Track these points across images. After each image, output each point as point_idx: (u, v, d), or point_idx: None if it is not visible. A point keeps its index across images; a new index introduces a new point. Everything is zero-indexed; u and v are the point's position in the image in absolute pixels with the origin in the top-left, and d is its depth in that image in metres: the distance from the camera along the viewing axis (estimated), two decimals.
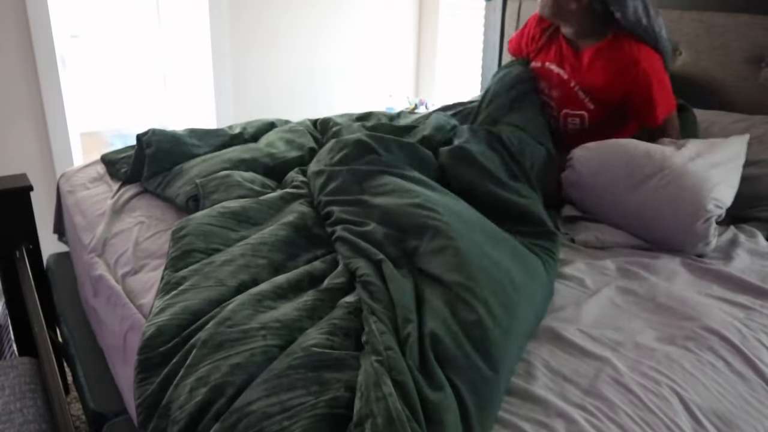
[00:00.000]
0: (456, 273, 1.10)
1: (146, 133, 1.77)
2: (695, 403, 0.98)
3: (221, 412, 0.88)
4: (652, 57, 1.72)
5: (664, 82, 1.73)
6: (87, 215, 1.64)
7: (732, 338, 1.12)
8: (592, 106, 1.77)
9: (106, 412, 1.23)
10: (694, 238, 1.44)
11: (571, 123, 1.82)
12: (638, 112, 1.75)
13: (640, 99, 1.71)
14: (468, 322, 1.01)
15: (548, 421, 0.92)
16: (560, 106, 1.82)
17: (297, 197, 1.51)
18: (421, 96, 3.84)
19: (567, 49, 1.84)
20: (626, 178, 1.53)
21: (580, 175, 1.62)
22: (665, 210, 1.46)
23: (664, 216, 1.46)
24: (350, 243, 1.25)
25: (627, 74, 1.69)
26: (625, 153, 1.58)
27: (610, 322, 1.18)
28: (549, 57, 1.86)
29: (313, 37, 3.36)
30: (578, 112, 1.79)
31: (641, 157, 1.55)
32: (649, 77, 1.69)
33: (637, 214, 1.51)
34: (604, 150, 1.62)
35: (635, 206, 1.51)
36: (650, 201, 1.48)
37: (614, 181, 1.55)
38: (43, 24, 2.56)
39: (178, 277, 1.19)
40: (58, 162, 2.75)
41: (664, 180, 1.49)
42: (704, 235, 1.43)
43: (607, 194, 1.57)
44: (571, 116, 1.80)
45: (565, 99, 1.81)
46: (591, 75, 1.76)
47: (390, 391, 0.86)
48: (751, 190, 1.66)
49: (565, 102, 1.81)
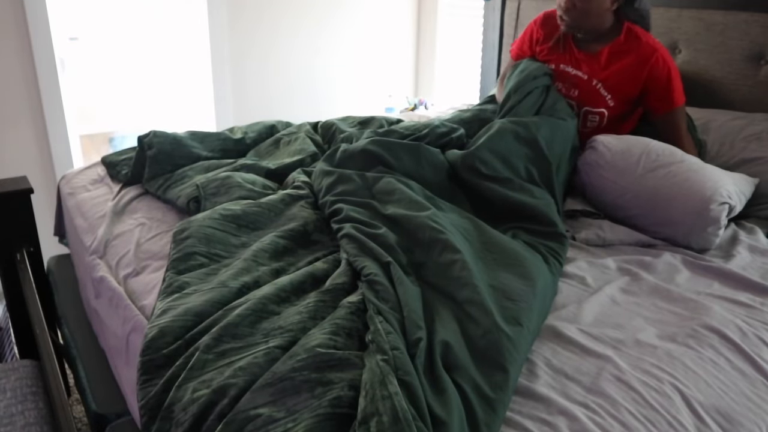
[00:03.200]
0: (464, 288, 1.11)
1: (147, 134, 1.78)
2: (697, 399, 0.98)
3: (224, 413, 0.88)
4: (663, 47, 1.79)
5: (677, 71, 1.80)
6: (88, 217, 1.64)
7: (733, 335, 1.13)
8: (612, 102, 1.81)
9: (109, 414, 1.23)
10: (706, 222, 1.44)
11: (590, 121, 1.85)
12: (656, 99, 1.78)
13: (661, 85, 1.77)
14: (477, 336, 1.02)
15: (551, 419, 0.92)
16: (581, 104, 1.85)
17: (298, 199, 1.51)
18: (420, 96, 3.84)
19: (579, 51, 1.87)
20: (646, 161, 1.57)
21: (601, 156, 1.65)
22: (680, 192, 1.48)
23: (678, 198, 1.48)
24: (358, 241, 1.25)
25: (647, 63, 1.76)
26: (648, 143, 1.64)
27: (612, 320, 1.18)
28: (563, 60, 1.90)
29: (313, 38, 3.36)
30: (598, 110, 1.83)
31: (663, 149, 1.61)
32: (667, 63, 1.76)
33: (651, 196, 1.52)
34: (627, 139, 1.67)
35: (651, 188, 1.53)
36: (666, 183, 1.52)
37: (633, 164, 1.58)
38: (42, 26, 2.56)
39: (181, 281, 1.19)
40: (58, 164, 2.76)
41: (683, 167, 1.54)
42: (716, 219, 1.44)
43: (625, 175, 1.58)
44: (591, 114, 1.84)
45: (587, 97, 1.84)
46: (613, 72, 1.80)
47: (396, 390, 0.86)
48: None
49: (587, 100, 1.84)
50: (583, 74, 1.84)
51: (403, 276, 1.14)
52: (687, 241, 1.48)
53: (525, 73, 1.87)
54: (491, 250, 1.29)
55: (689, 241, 1.48)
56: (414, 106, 3.62)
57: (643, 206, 1.54)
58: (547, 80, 1.86)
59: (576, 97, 1.86)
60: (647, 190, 1.53)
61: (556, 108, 1.78)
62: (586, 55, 1.85)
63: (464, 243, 1.27)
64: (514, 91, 1.82)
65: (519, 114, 1.77)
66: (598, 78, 1.81)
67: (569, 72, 1.87)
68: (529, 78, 1.84)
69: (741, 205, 1.55)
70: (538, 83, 1.83)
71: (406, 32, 3.72)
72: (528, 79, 1.83)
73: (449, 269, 1.17)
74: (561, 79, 1.89)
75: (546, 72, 1.87)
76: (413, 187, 1.49)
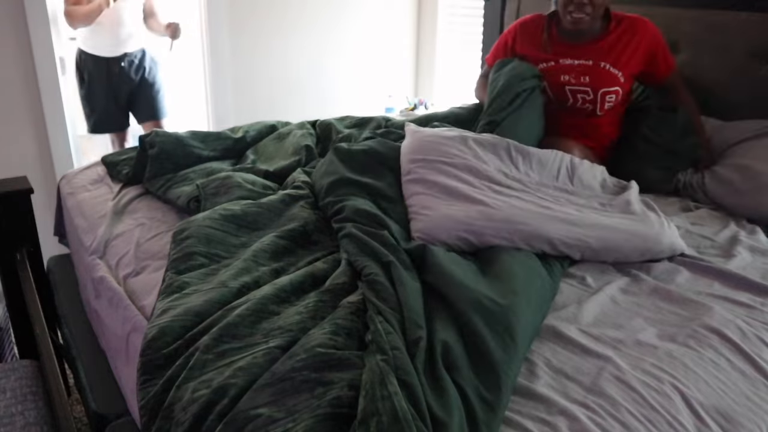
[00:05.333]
0: (463, 290, 1.11)
1: (149, 134, 1.78)
2: (697, 399, 0.98)
3: (224, 413, 0.88)
4: (643, 18, 1.93)
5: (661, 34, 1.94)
6: (88, 217, 1.64)
7: (733, 336, 1.13)
8: (623, 79, 1.90)
9: (109, 414, 1.23)
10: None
11: (608, 101, 1.91)
12: (662, 61, 1.91)
13: (659, 51, 1.91)
14: (475, 343, 1.01)
15: (551, 419, 0.92)
16: (597, 87, 1.90)
17: (298, 199, 1.51)
18: (420, 96, 3.84)
19: (571, 44, 1.92)
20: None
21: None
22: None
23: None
24: (359, 241, 1.25)
25: (645, 33, 1.88)
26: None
27: (612, 321, 1.18)
28: (561, 55, 1.94)
29: (313, 38, 3.36)
30: (614, 89, 1.89)
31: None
32: (655, 27, 1.90)
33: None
34: None
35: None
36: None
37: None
38: (43, 26, 2.56)
39: (181, 281, 1.19)
40: (58, 164, 2.75)
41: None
42: None
43: None
44: (609, 94, 1.90)
45: (600, 79, 1.89)
46: (617, 51, 1.89)
47: (396, 390, 0.86)
48: None
49: (601, 82, 1.89)
50: (587, 61, 1.90)
51: (403, 275, 1.14)
52: None
53: (513, 73, 1.91)
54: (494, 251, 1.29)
55: None
56: (414, 106, 3.62)
57: None
58: (534, 82, 1.90)
59: (589, 84, 1.90)
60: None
61: (530, 107, 1.86)
62: (582, 45, 1.91)
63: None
64: (502, 91, 1.87)
65: (499, 109, 1.84)
66: (605, 60, 1.88)
67: (573, 63, 1.92)
68: (518, 79, 1.88)
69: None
70: (525, 85, 1.87)
71: (406, 32, 3.72)
72: (517, 79, 1.88)
73: (448, 272, 1.17)
74: (567, 71, 1.93)
75: (535, 74, 1.92)
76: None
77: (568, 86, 1.93)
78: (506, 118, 1.81)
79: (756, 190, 1.66)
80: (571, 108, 1.95)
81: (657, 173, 1.85)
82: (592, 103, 1.92)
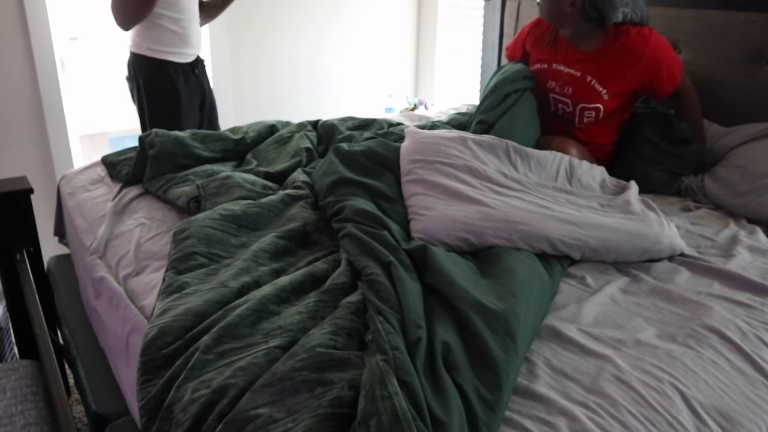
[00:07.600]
0: (463, 291, 1.11)
1: (149, 134, 1.78)
2: (697, 399, 0.98)
3: (224, 413, 0.88)
4: (651, 34, 1.81)
5: (669, 50, 1.83)
6: (88, 217, 1.64)
7: (733, 336, 1.13)
8: (607, 96, 1.83)
9: (109, 414, 1.23)
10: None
11: (587, 117, 1.88)
12: (658, 83, 1.82)
13: (659, 70, 1.80)
14: (476, 344, 1.01)
15: (551, 419, 0.92)
16: (576, 101, 1.87)
17: (298, 199, 1.51)
18: (420, 96, 3.84)
19: (572, 50, 1.90)
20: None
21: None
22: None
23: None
24: (359, 241, 1.25)
25: (642, 56, 1.78)
26: None
27: (612, 320, 1.18)
28: (557, 59, 1.93)
29: (313, 38, 3.36)
30: (594, 105, 1.84)
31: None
32: (658, 58, 1.79)
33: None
34: None
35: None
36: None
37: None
38: (42, 26, 2.56)
39: (181, 281, 1.19)
40: (58, 164, 2.75)
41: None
42: None
43: None
44: (587, 110, 1.86)
45: (582, 94, 1.86)
46: (607, 66, 1.83)
47: (396, 390, 0.86)
48: None
49: (582, 97, 1.86)
50: (576, 71, 1.87)
51: (404, 275, 1.14)
52: None
53: (504, 75, 1.93)
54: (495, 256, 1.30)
55: None
56: (414, 106, 3.62)
57: None
58: (526, 83, 1.90)
59: (570, 95, 1.88)
60: None
61: (523, 108, 1.86)
62: (580, 53, 1.88)
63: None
64: (491, 92, 1.90)
65: (489, 109, 1.86)
66: (592, 74, 1.84)
67: (562, 70, 1.90)
68: (507, 81, 1.89)
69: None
70: (516, 86, 1.88)
71: (406, 32, 3.72)
72: (506, 81, 1.89)
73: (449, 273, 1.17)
74: (554, 77, 1.92)
75: (526, 76, 1.92)
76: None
77: (552, 93, 1.93)
78: (499, 119, 1.82)
79: (756, 191, 1.66)
80: (554, 114, 1.96)
81: (662, 175, 1.83)
82: (571, 115, 1.90)
